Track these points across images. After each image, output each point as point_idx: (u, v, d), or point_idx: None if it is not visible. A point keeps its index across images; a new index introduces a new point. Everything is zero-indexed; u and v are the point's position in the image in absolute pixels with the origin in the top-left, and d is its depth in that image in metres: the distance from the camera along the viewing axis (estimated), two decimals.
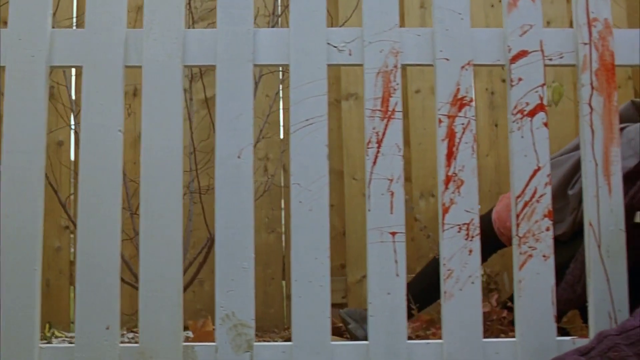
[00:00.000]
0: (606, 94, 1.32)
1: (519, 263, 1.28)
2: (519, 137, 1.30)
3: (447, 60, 1.31)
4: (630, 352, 1.09)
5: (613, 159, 1.31)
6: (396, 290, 1.26)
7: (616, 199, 1.30)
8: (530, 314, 1.27)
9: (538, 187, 1.29)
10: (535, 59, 1.32)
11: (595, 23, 1.33)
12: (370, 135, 1.29)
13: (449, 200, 1.28)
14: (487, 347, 1.27)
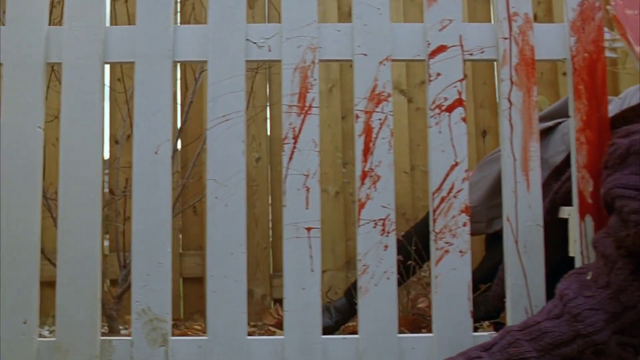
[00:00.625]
0: (526, 88, 1.31)
1: (435, 259, 1.28)
2: (437, 133, 1.30)
3: (365, 55, 1.31)
4: (530, 348, 1.09)
5: (532, 154, 1.30)
6: (311, 286, 1.27)
7: (534, 195, 1.29)
8: (447, 309, 1.27)
9: (455, 183, 1.29)
10: (454, 53, 1.32)
11: (515, 18, 1.33)
12: (287, 131, 1.29)
13: (365, 196, 1.28)
14: (402, 342, 1.27)
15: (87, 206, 1.27)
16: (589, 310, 1.09)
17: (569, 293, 1.11)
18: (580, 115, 1.30)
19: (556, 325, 1.09)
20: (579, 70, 1.32)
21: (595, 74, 1.32)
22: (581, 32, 1.32)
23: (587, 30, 1.33)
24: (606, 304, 1.08)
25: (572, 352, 1.07)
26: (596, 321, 1.08)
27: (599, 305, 1.09)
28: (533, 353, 1.08)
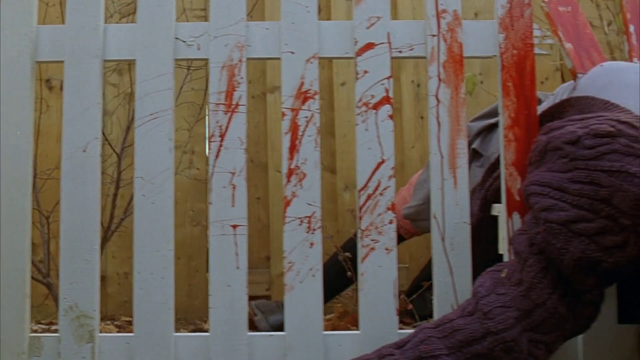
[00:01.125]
0: (454, 86, 1.31)
1: (362, 256, 1.28)
2: (364, 130, 1.30)
3: (292, 53, 1.31)
4: (441, 345, 1.09)
5: (459, 151, 1.30)
6: (236, 283, 1.27)
7: (462, 192, 1.29)
8: (373, 306, 1.28)
9: (382, 180, 1.29)
10: (381, 51, 1.32)
11: (444, 15, 1.33)
12: (214, 129, 1.30)
13: (291, 194, 1.29)
14: (329, 339, 1.28)
15: (16, 203, 1.28)
16: (500, 308, 1.09)
17: (481, 290, 1.11)
18: (508, 112, 1.30)
19: (468, 323, 1.09)
20: (508, 67, 1.31)
21: (524, 70, 1.31)
22: (510, 29, 1.32)
23: (516, 27, 1.32)
24: (518, 302, 1.08)
25: (483, 349, 1.07)
26: (506, 318, 1.07)
27: (511, 303, 1.09)
28: (444, 350, 1.08)
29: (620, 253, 1.01)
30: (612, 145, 1.02)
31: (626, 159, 1.01)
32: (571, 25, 1.37)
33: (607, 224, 1.01)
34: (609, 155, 1.02)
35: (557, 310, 1.06)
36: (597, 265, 1.02)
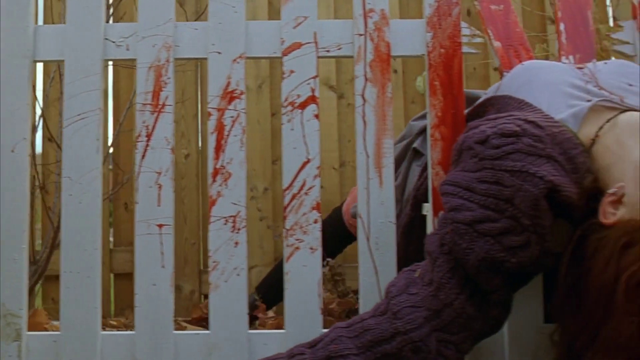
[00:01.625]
0: (380, 85, 1.31)
1: (286, 255, 1.29)
2: (289, 130, 1.31)
3: (219, 53, 1.32)
4: (351, 345, 1.09)
5: (385, 151, 1.30)
6: (162, 282, 1.28)
7: (387, 192, 1.29)
8: (297, 305, 1.28)
9: (307, 180, 1.29)
10: (308, 50, 1.32)
11: (371, 14, 1.33)
12: (141, 129, 1.31)
13: (216, 193, 1.29)
14: (254, 338, 1.28)
15: None
16: (409, 308, 1.08)
17: (393, 290, 1.11)
18: (435, 112, 1.30)
19: (378, 323, 1.09)
20: (435, 66, 1.31)
21: (451, 69, 1.31)
22: (437, 28, 1.32)
23: (444, 25, 1.32)
24: (428, 302, 1.08)
25: (392, 349, 1.07)
26: (415, 318, 1.07)
27: (421, 303, 1.08)
28: (353, 350, 1.08)
29: (523, 253, 1.01)
30: (516, 144, 1.02)
31: (528, 158, 1.01)
32: (502, 24, 1.37)
33: (511, 224, 1.01)
34: (512, 155, 1.02)
35: (465, 310, 1.05)
36: (501, 266, 1.02)
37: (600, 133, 1.05)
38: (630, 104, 1.10)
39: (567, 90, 1.13)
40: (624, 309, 0.89)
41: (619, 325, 0.89)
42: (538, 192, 0.98)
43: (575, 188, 1.00)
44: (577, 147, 1.03)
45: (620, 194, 0.97)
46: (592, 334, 0.94)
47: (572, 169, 1.02)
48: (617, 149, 1.02)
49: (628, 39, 1.36)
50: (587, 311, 0.95)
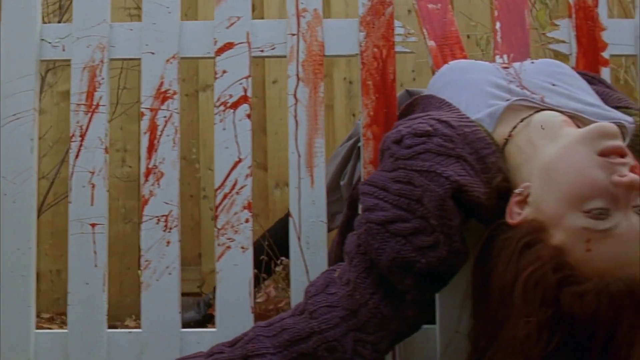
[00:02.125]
0: (312, 85, 1.31)
1: (218, 254, 1.29)
2: (221, 129, 1.31)
3: (152, 54, 1.33)
4: (268, 344, 1.09)
5: (317, 150, 1.30)
6: (95, 280, 1.29)
7: (318, 191, 1.30)
8: (229, 304, 1.29)
9: (239, 179, 1.30)
10: (241, 51, 1.32)
11: (304, 14, 1.33)
12: (75, 129, 1.32)
13: (149, 192, 1.30)
14: (186, 336, 1.29)
15: None
16: (325, 307, 1.09)
17: (311, 290, 1.11)
18: (367, 111, 1.30)
19: (296, 322, 1.09)
20: (368, 65, 1.31)
21: (384, 69, 1.31)
22: (371, 27, 1.32)
23: (377, 25, 1.32)
24: (344, 301, 1.08)
25: (308, 348, 1.07)
26: (330, 318, 1.07)
27: (338, 302, 1.08)
28: (270, 349, 1.09)
29: (432, 254, 1.01)
30: (426, 144, 1.02)
31: (437, 158, 1.01)
32: (438, 23, 1.36)
33: (421, 224, 1.01)
34: (422, 155, 1.02)
35: (380, 310, 1.05)
36: (412, 266, 1.02)
37: (513, 133, 1.05)
38: (551, 104, 1.10)
39: (488, 90, 1.12)
40: (521, 309, 0.89)
41: (517, 325, 0.89)
42: (443, 192, 0.97)
43: (484, 188, 1.00)
44: (489, 146, 1.03)
45: (525, 193, 0.97)
46: (493, 334, 0.94)
47: (482, 168, 1.02)
48: (528, 149, 1.02)
49: (564, 38, 1.35)
50: (489, 311, 0.95)
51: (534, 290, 0.89)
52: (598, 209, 0.88)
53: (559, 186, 0.92)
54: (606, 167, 0.89)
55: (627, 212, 0.89)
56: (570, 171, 0.91)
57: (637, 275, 0.87)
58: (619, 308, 0.87)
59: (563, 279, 0.89)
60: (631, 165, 0.90)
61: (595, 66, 1.33)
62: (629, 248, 0.87)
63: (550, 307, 0.89)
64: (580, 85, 1.17)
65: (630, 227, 0.88)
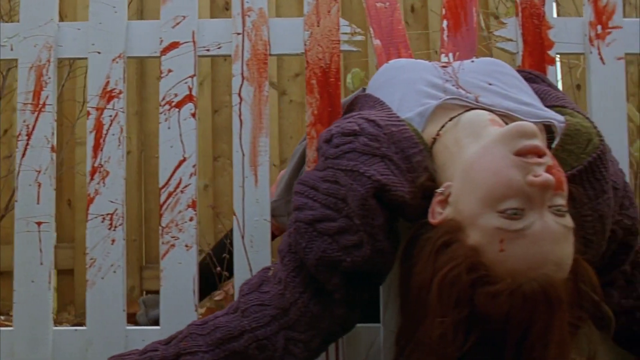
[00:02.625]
0: (257, 84, 1.32)
1: (162, 252, 1.30)
2: (166, 128, 1.32)
3: (99, 53, 1.33)
4: (201, 342, 1.09)
5: (261, 149, 1.31)
6: (40, 278, 1.30)
7: (262, 190, 1.30)
8: (173, 302, 1.29)
9: (183, 178, 1.31)
10: (186, 50, 1.33)
11: (249, 13, 1.33)
12: (21, 128, 1.33)
13: (94, 191, 1.31)
14: (131, 334, 1.30)
15: None
16: (257, 306, 1.09)
17: (245, 288, 1.12)
18: (312, 110, 1.30)
19: (229, 321, 1.10)
20: (312, 64, 1.31)
21: (328, 68, 1.31)
22: (316, 26, 1.32)
23: (322, 24, 1.32)
24: (276, 300, 1.08)
25: (240, 347, 1.07)
26: (262, 317, 1.08)
27: (270, 301, 1.09)
28: (203, 347, 1.09)
29: (357, 253, 1.01)
30: (352, 144, 1.02)
31: (362, 157, 1.01)
32: (386, 22, 1.36)
33: (347, 224, 1.01)
34: (348, 154, 1.02)
35: (309, 309, 1.06)
36: (338, 265, 1.02)
37: (441, 132, 1.05)
38: (485, 103, 1.09)
39: (422, 89, 1.12)
40: (436, 309, 0.89)
41: (431, 325, 0.89)
42: (365, 191, 0.98)
43: (409, 187, 1.00)
44: (415, 146, 1.03)
45: (447, 193, 0.96)
46: (411, 333, 0.94)
47: (408, 167, 1.01)
48: (454, 148, 1.01)
49: (511, 37, 1.34)
50: (408, 310, 0.95)
51: (449, 290, 0.89)
52: (512, 209, 0.88)
53: (475, 186, 0.92)
54: (521, 167, 0.89)
55: (542, 212, 0.88)
56: (486, 171, 0.91)
57: (550, 275, 0.87)
58: (532, 308, 0.86)
59: (477, 279, 0.88)
60: (548, 165, 0.90)
61: (542, 64, 1.33)
62: (542, 248, 0.87)
63: (466, 307, 0.88)
64: (518, 85, 1.16)
65: (544, 227, 0.87)
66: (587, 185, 1.03)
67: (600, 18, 1.34)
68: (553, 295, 0.87)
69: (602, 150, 1.05)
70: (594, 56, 1.34)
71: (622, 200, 1.11)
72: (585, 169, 1.03)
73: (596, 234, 1.03)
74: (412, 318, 0.94)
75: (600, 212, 1.03)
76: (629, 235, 1.10)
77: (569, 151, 1.05)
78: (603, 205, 1.03)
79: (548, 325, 0.87)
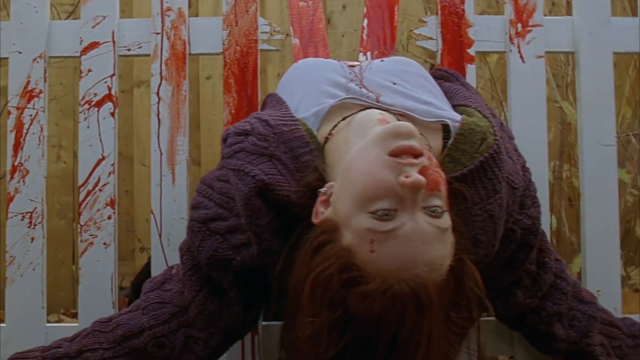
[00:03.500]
0: (175, 83, 1.33)
1: (80, 250, 1.31)
2: (86, 127, 1.33)
3: (19, 53, 1.34)
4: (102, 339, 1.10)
5: (179, 148, 1.32)
6: None
7: (180, 188, 1.31)
8: (91, 299, 1.31)
9: (102, 177, 1.32)
10: (106, 50, 1.34)
11: (169, 12, 1.34)
12: None
13: (14, 189, 1.32)
14: (51, 331, 1.31)
15: None
16: (157, 304, 1.10)
17: (147, 286, 1.13)
18: (229, 109, 1.31)
19: (130, 318, 1.11)
20: (230, 63, 1.32)
21: (246, 67, 1.32)
22: (234, 25, 1.33)
23: (241, 23, 1.33)
24: (176, 298, 1.09)
25: (140, 344, 1.08)
26: (161, 314, 1.09)
27: (170, 299, 1.10)
28: (104, 345, 1.10)
29: (245, 252, 1.01)
30: (242, 143, 1.03)
31: (249, 157, 1.01)
32: (307, 21, 1.36)
33: (237, 223, 1.02)
34: (238, 154, 1.02)
35: (206, 307, 1.07)
36: (229, 264, 1.03)
37: (333, 131, 1.05)
38: (386, 102, 1.09)
39: (324, 89, 1.12)
40: (308, 309, 0.89)
41: (302, 325, 0.89)
42: (248, 190, 0.98)
43: (297, 187, 1.00)
44: (305, 145, 1.03)
45: (329, 193, 0.97)
46: (286, 333, 0.94)
47: (296, 167, 1.02)
48: (343, 147, 1.01)
49: (431, 35, 1.34)
50: (286, 310, 0.96)
51: (321, 290, 0.88)
52: (383, 209, 0.87)
53: (350, 186, 0.92)
54: (394, 168, 0.89)
55: (414, 213, 0.87)
56: (360, 171, 0.91)
57: (421, 276, 0.87)
58: (402, 309, 0.86)
59: (349, 279, 0.88)
60: (423, 165, 0.90)
61: (461, 63, 1.33)
62: (412, 249, 0.87)
63: (339, 308, 0.88)
64: (423, 84, 1.15)
65: (414, 228, 0.87)
66: (478, 185, 1.03)
67: (521, 16, 1.34)
68: (424, 297, 0.86)
69: (496, 149, 1.04)
70: (513, 54, 1.34)
71: (523, 200, 1.11)
72: (476, 168, 1.02)
73: (486, 234, 1.02)
74: (289, 318, 0.94)
75: (491, 212, 1.02)
76: (528, 234, 1.10)
77: (462, 150, 1.04)
78: (494, 205, 1.03)
79: (419, 326, 0.86)
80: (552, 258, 1.16)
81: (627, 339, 1.22)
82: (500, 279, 1.13)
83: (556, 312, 1.16)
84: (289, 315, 0.94)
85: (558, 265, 1.18)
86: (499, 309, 1.17)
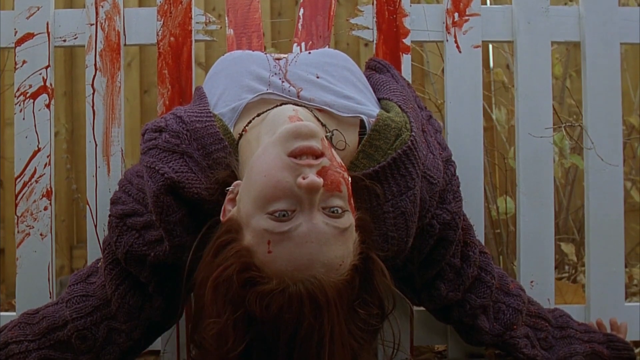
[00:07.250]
0: (110, 74, 1.33)
1: (18, 241, 1.33)
2: (21, 119, 1.33)
3: None
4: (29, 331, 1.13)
5: (114, 139, 1.32)
6: None
7: (114, 180, 1.31)
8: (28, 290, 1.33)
9: (38, 168, 1.33)
10: (40, 41, 1.34)
11: (102, 3, 1.33)
12: None
13: None
14: None
15: None
16: (80, 297, 1.12)
17: (72, 279, 1.14)
18: (163, 100, 1.31)
19: (55, 311, 1.12)
20: (164, 54, 1.32)
21: (180, 58, 1.32)
22: (168, 16, 1.32)
23: (175, 13, 1.32)
24: (100, 291, 1.11)
25: (64, 336, 1.10)
26: (83, 307, 1.10)
27: (94, 292, 1.11)
28: (29, 337, 1.12)
29: (159, 248, 1.02)
30: (156, 140, 1.03)
31: (161, 154, 1.01)
32: (242, 11, 1.35)
33: (152, 219, 1.02)
34: (151, 151, 1.03)
35: (126, 300, 1.08)
36: (144, 259, 1.04)
37: (247, 128, 1.05)
38: (306, 97, 1.08)
39: (246, 83, 1.11)
40: (211, 308, 0.90)
41: (207, 325, 0.90)
42: (156, 188, 0.98)
43: (208, 184, 1.01)
44: (219, 142, 1.03)
45: (236, 191, 0.97)
46: (194, 331, 0.96)
47: (209, 164, 1.02)
48: (255, 144, 1.01)
49: (367, 24, 1.33)
50: (194, 309, 0.97)
51: (222, 290, 0.89)
52: (280, 210, 0.87)
53: (251, 186, 0.91)
54: (292, 169, 0.88)
55: (312, 214, 0.87)
56: (259, 171, 0.91)
57: (317, 277, 0.87)
58: (299, 310, 0.86)
59: (249, 279, 0.88)
60: (324, 166, 0.89)
61: (396, 53, 1.32)
62: (308, 250, 0.86)
63: (240, 307, 0.88)
64: (347, 77, 1.15)
65: (310, 229, 0.87)
66: (391, 182, 1.03)
67: (458, 5, 1.32)
68: (320, 297, 0.86)
69: (410, 146, 1.04)
70: (450, 44, 1.33)
71: (443, 194, 1.11)
72: (389, 165, 1.02)
73: (398, 230, 1.03)
74: (196, 316, 0.95)
75: (403, 208, 1.02)
76: (447, 229, 1.10)
77: (376, 147, 1.04)
78: (407, 201, 1.02)
79: (317, 326, 0.86)
80: (476, 251, 1.17)
81: (554, 331, 1.23)
82: (422, 273, 1.13)
83: (480, 305, 1.16)
84: (195, 314, 0.95)
85: (483, 258, 1.18)
86: (425, 302, 1.18)
